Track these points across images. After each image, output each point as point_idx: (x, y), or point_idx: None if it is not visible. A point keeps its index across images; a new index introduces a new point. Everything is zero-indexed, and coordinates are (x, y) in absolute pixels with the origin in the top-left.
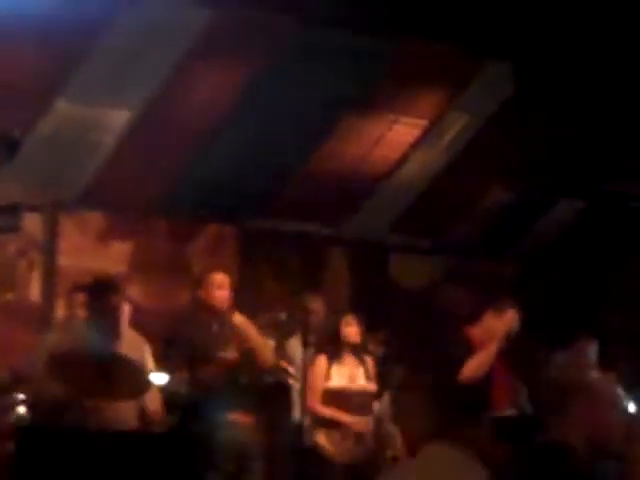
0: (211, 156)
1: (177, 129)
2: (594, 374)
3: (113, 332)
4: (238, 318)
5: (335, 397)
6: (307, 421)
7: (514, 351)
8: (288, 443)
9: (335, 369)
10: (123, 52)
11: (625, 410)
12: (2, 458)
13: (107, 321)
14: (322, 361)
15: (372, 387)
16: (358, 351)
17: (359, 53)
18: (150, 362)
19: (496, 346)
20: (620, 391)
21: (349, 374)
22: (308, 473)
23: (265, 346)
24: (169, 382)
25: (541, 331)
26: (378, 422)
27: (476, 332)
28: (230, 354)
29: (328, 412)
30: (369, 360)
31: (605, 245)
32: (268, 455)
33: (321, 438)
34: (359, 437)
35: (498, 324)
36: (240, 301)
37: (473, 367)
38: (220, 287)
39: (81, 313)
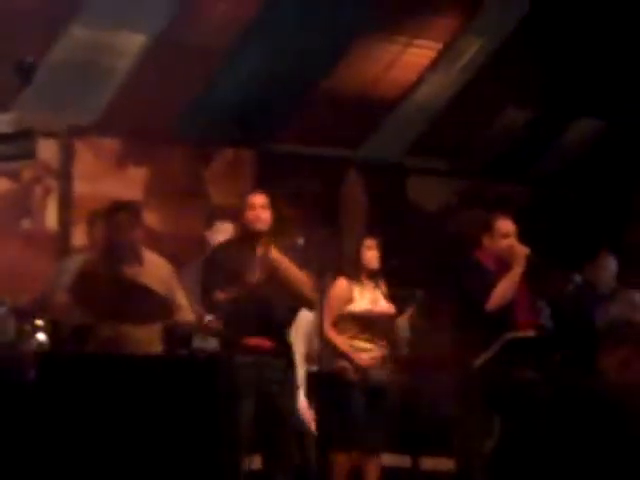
0: (226, 80)
1: (192, 52)
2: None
3: (133, 256)
4: (275, 253)
5: (358, 321)
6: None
7: (535, 271)
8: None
9: (357, 292)
10: None
11: None
12: (23, 385)
13: (125, 244)
14: (343, 284)
15: (392, 310)
16: (375, 275)
17: None
18: (175, 286)
19: (519, 270)
20: None
21: (371, 297)
22: (330, 397)
23: (304, 281)
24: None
25: (561, 250)
26: (393, 344)
27: (484, 256)
28: (254, 277)
29: (342, 346)
30: (383, 282)
31: (625, 164)
32: (288, 380)
33: (342, 362)
34: (380, 361)
35: (502, 243)
36: None
37: (499, 296)
38: (262, 207)
39: (99, 238)
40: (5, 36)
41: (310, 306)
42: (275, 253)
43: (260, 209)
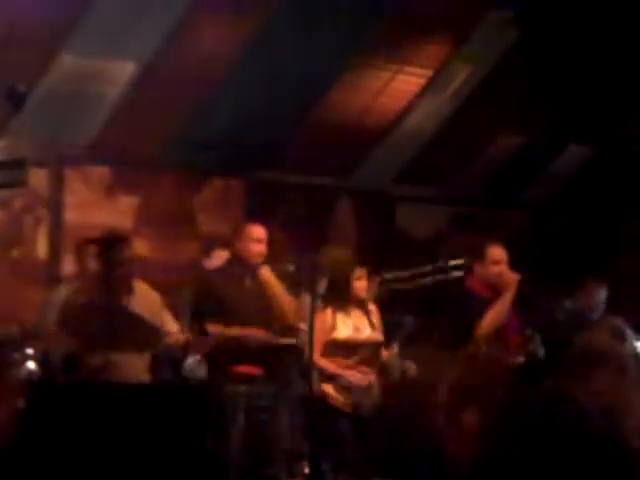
0: (215, 108)
1: (181, 81)
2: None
3: (122, 285)
4: (265, 272)
5: (341, 348)
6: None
7: (524, 297)
8: (297, 395)
9: (340, 319)
10: (127, 3)
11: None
12: (13, 414)
13: (116, 274)
14: (327, 312)
15: (378, 337)
16: (364, 303)
17: (361, 3)
18: (165, 315)
19: (510, 296)
20: (630, 334)
21: (354, 324)
22: (317, 424)
23: (288, 303)
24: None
25: (550, 276)
26: (385, 372)
27: (475, 283)
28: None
29: (330, 367)
30: (374, 310)
31: (615, 190)
32: (277, 407)
33: (329, 388)
34: (366, 389)
35: (492, 270)
36: None
37: (490, 322)
38: (258, 240)
39: (90, 267)
40: None
41: (290, 330)
42: (266, 271)
43: (257, 243)
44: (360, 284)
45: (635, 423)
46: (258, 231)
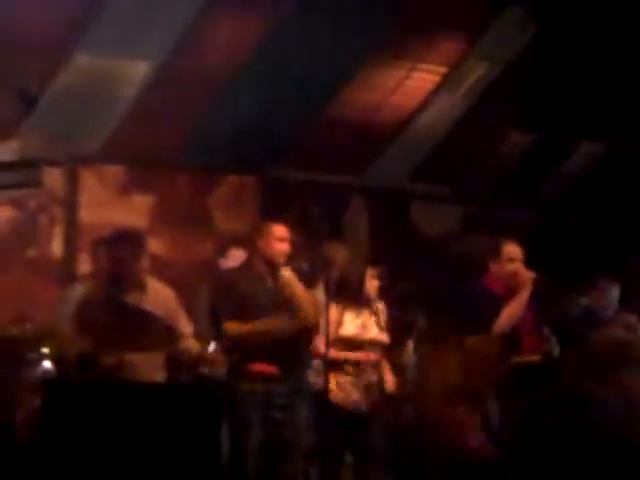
0: (230, 106)
1: (196, 79)
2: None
3: (136, 284)
4: (286, 273)
5: (346, 345)
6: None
7: (541, 295)
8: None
9: (348, 317)
10: (141, 3)
11: None
12: (30, 413)
13: (129, 273)
14: (335, 308)
15: (384, 338)
16: (373, 302)
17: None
18: (179, 313)
19: (526, 295)
20: None
21: (362, 323)
22: (319, 419)
23: (310, 303)
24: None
25: (566, 274)
26: (401, 370)
27: (492, 281)
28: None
29: (341, 354)
30: (382, 309)
31: (628, 187)
32: (291, 406)
33: (332, 383)
34: (368, 387)
35: (508, 268)
36: None
37: (505, 320)
38: (281, 240)
39: (103, 266)
40: (8, 64)
41: (314, 329)
42: (287, 272)
43: (280, 242)
44: (372, 283)
45: None
46: (281, 230)
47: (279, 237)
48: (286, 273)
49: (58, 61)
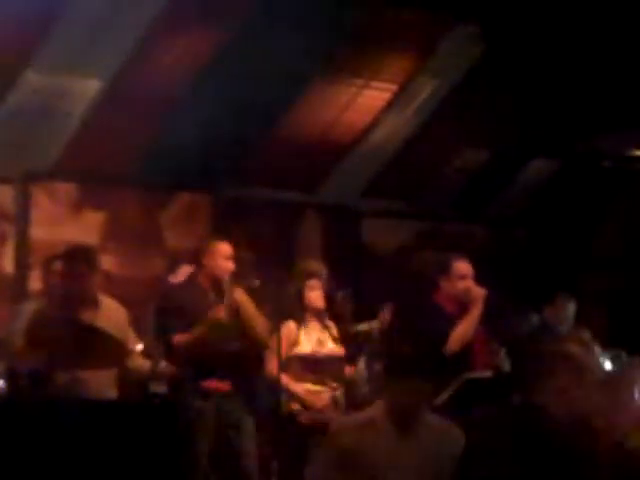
0: (181, 124)
1: (146, 97)
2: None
3: (88, 301)
4: (240, 293)
5: (305, 363)
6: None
7: (490, 312)
8: (265, 410)
9: (303, 334)
10: (91, 21)
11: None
12: None
13: (82, 289)
14: (290, 326)
15: (340, 351)
16: (322, 316)
17: (326, 19)
18: (130, 331)
19: (477, 312)
20: (597, 349)
21: (317, 339)
22: (283, 439)
23: (262, 324)
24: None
25: (519, 291)
26: (352, 386)
27: (442, 298)
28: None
29: (294, 387)
30: (332, 324)
31: (578, 205)
32: (246, 422)
33: (295, 405)
34: (332, 405)
35: (459, 285)
36: None
37: (458, 338)
38: (227, 258)
39: (56, 283)
40: None
41: (263, 347)
42: (239, 293)
43: (225, 259)
44: (314, 294)
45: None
46: (226, 248)
47: (224, 255)
48: (240, 294)
49: (8, 80)
